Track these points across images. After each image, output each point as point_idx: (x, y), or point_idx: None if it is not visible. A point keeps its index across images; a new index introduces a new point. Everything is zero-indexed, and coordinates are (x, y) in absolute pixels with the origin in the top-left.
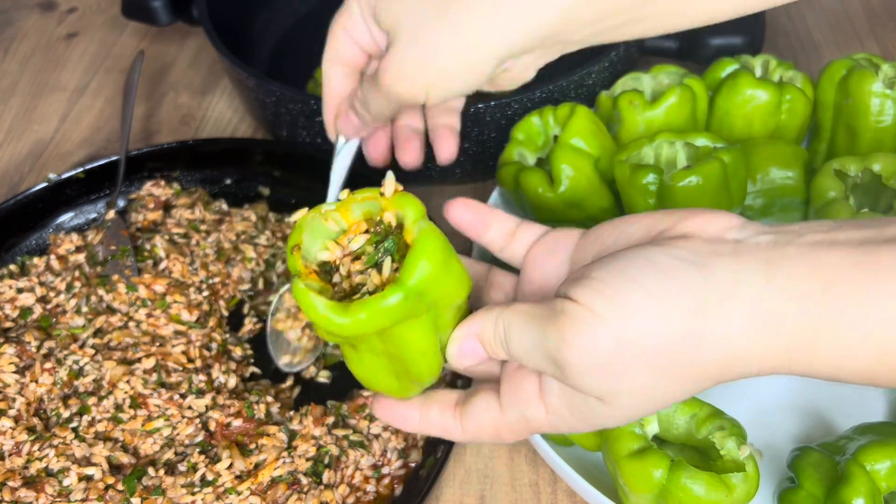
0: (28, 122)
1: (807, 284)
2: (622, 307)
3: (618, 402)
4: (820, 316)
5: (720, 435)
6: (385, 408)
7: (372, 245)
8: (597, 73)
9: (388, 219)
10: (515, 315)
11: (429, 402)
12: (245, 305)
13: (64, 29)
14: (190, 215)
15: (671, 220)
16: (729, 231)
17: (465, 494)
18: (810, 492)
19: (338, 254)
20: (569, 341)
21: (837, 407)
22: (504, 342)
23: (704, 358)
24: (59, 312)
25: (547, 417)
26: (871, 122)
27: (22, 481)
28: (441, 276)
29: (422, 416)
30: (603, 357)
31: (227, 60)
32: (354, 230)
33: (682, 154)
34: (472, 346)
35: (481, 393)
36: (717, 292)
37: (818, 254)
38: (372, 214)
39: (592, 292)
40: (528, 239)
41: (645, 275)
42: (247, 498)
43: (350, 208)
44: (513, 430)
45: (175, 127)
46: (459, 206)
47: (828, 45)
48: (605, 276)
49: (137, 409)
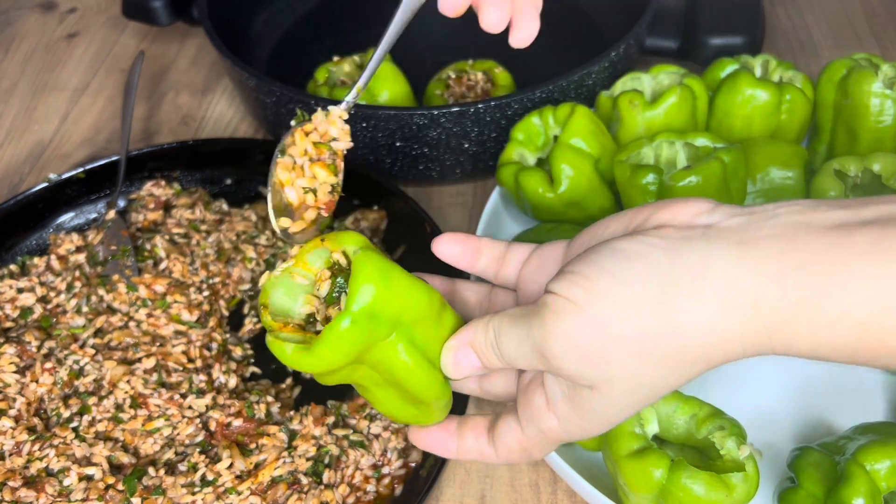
0: (28, 123)
1: (781, 264)
2: (595, 294)
3: (609, 389)
4: (798, 294)
5: (720, 435)
6: (421, 438)
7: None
8: (597, 73)
9: (336, 258)
10: (504, 318)
11: (463, 430)
12: (245, 305)
13: (64, 29)
14: (190, 215)
15: (646, 213)
16: (699, 216)
17: (465, 494)
18: (810, 492)
19: (316, 304)
20: (549, 330)
21: (837, 407)
22: (495, 346)
23: (685, 341)
24: (60, 312)
25: (560, 425)
26: (870, 122)
27: (22, 481)
28: (386, 293)
29: (458, 445)
30: (584, 343)
31: (227, 60)
32: (318, 279)
33: (682, 154)
34: (465, 355)
35: (505, 415)
36: (686, 273)
37: (792, 235)
38: (328, 258)
39: (569, 284)
40: (517, 259)
41: (613, 262)
42: (247, 498)
43: (306, 260)
44: (536, 445)
45: (175, 127)
46: (446, 241)
47: (828, 45)
48: (580, 269)
49: (138, 409)
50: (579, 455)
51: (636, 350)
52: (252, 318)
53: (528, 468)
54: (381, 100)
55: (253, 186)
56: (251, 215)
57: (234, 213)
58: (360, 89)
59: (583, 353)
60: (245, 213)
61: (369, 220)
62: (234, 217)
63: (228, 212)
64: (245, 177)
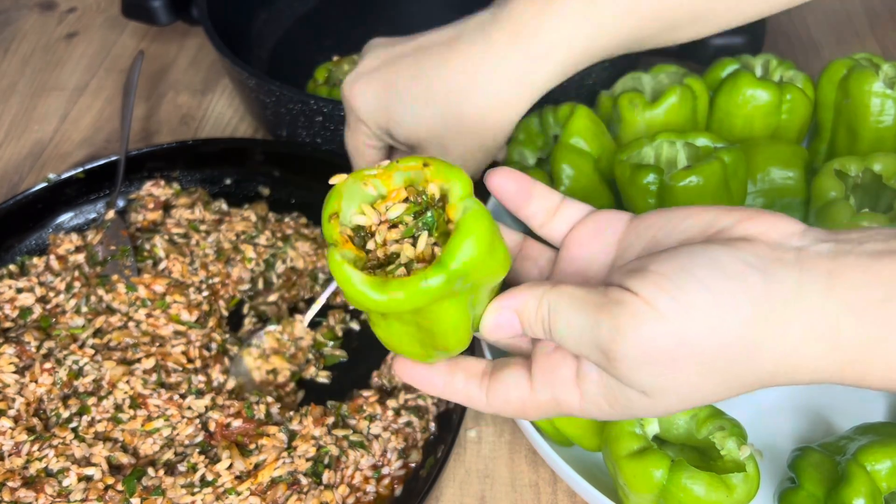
0: (28, 122)
1: (866, 295)
2: (685, 306)
3: (661, 398)
4: (878, 330)
5: (720, 435)
6: (407, 369)
7: (410, 215)
8: (597, 73)
9: (432, 190)
10: (564, 297)
11: (454, 369)
12: (245, 305)
13: (64, 29)
14: (190, 215)
15: (731, 220)
16: (791, 238)
17: (465, 495)
18: (811, 492)
19: (374, 220)
20: (625, 334)
21: (838, 407)
22: (547, 323)
23: (758, 364)
24: (59, 312)
25: (580, 403)
26: (871, 122)
27: (21, 481)
28: (485, 258)
29: (446, 382)
30: (658, 354)
31: (227, 60)
32: (393, 197)
33: (683, 154)
34: (508, 320)
35: (512, 368)
36: (779, 301)
37: (878, 265)
38: (414, 183)
39: (654, 287)
40: (570, 217)
41: (710, 275)
42: (247, 498)
43: (392, 175)
44: (540, 409)
45: (175, 127)
46: (503, 175)
47: (828, 44)
48: (666, 271)
49: (137, 410)
50: (579, 455)
51: (707, 368)
52: (251, 317)
53: (528, 468)
54: None
55: (252, 186)
56: (251, 215)
57: (233, 213)
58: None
59: (652, 362)
60: (244, 213)
61: None
62: (233, 217)
63: (228, 212)
64: (244, 177)
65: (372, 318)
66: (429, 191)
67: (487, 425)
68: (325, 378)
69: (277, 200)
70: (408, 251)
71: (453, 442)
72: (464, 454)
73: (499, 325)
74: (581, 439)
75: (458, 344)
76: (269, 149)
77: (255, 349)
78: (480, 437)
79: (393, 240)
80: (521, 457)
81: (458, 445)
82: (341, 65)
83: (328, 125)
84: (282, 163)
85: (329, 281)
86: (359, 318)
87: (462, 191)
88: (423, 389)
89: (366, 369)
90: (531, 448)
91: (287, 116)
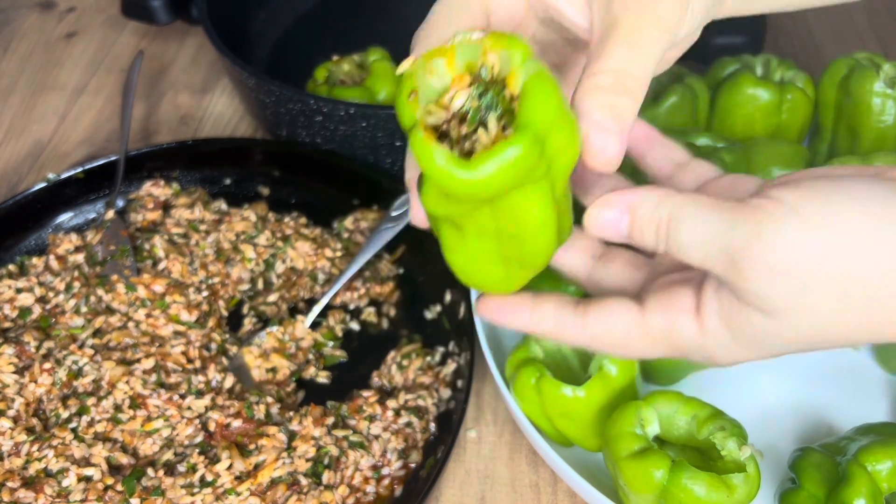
0: (27, 122)
1: None
2: (835, 214)
3: (789, 320)
4: None
5: (721, 435)
6: (491, 306)
7: (477, 98)
8: None
9: (492, 61)
10: (692, 201)
11: (542, 297)
12: (245, 305)
13: (63, 28)
14: (189, 215)
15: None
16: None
17: (465, 495)
18: (811, 492)
19: (443, 117)
20: (763, 237)
21: (838, 407)
22: (665, 227)
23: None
24: (59, 312)
25: (699, 335)
26: (872, 122)
27: (21, 482)
28: (559, 122)
29: (533, 310)
30: (795, 263)
31: (226, 60)
32: (457, 85)
33: None
34: (618, 216)
35: (615, 297)
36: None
37: None
38: (474, 60)
39: (802, 194)
40: (701, 173)
41: (866, 192)
42: (246, 499)
43: (455, 58)
44: (648, 338)
45: (174, 127)
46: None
47: (829, 44)
48: (817, 185)
49: (137, 410)
50: (579, 456)
51: (847, 289)
52: (251, 318)
53: (528, 469)
54: (380, 99)
55: (252, 186)
56: (250, 215)
57: (233, 212)
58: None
59: (787, 273)
60: (244, 213)
61: (369, 220)
62: (233, 217)
63: (227, 212)
64: (244, 177)
65: (445, 239)
66: (488, 62)
67: (487, 425)
68: (325, 378)
69: (277, 200)
70: (483, 139)
71: (453, 442)
72: (464, 454)
73: (605, 222)
74: (581, 440)
75: (546, 250)
76: (269, 148)
77: (256, 348)
78: (480, 438)
79: (465, 135)
80: (521, 457)
81: (458, 446)
82: (341, 64)
83: (328, 125)
84: (281, 162)
85: (330, 281)
86: (359, 319)
87: (522, 57)
88: (509, 324)
89: (366, 369)
90: (531, 448)
91: (287, 116)
